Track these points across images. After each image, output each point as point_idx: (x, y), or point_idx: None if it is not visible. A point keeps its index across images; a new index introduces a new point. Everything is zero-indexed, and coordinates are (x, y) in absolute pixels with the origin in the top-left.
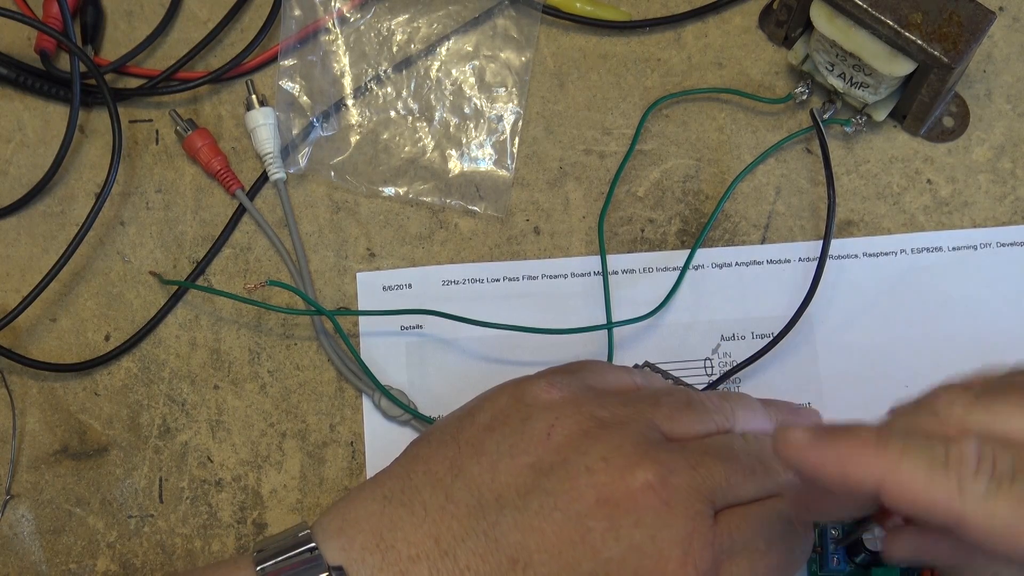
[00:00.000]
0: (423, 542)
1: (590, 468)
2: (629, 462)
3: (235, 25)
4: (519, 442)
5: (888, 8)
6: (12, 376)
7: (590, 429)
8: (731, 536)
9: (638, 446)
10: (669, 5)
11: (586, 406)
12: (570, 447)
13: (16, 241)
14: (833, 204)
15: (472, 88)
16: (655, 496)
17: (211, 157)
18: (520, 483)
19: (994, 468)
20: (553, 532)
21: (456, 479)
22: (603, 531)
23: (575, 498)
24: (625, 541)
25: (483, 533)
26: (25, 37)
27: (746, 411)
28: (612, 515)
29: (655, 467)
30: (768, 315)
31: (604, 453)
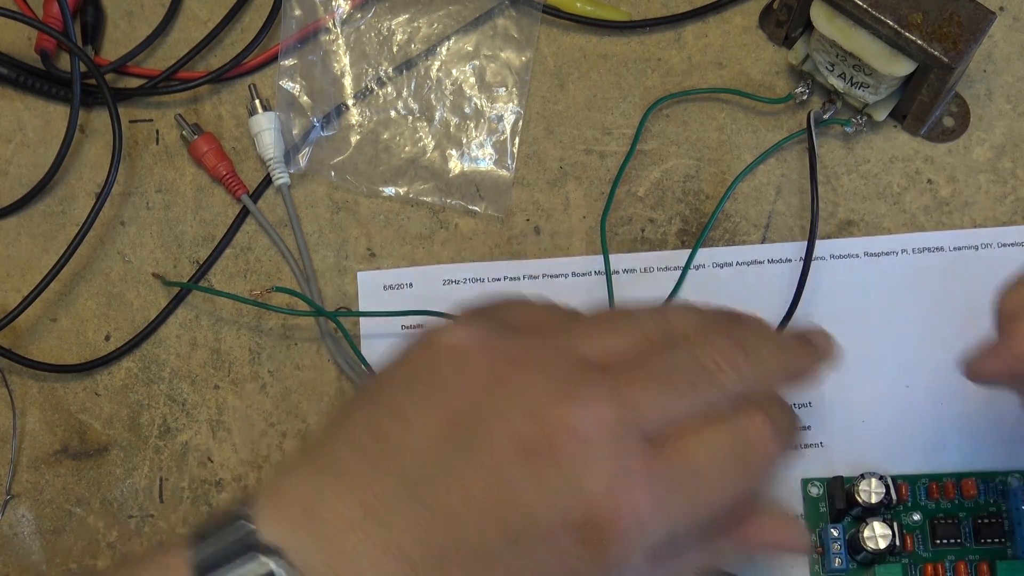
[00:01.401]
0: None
1: (503, 415)
2: (544, 401)
3: (235, 25)
4: (432, 395)
5: (888, 8)
6: (12, 376)
7: (502, 373)
8: (669, 464)
9: (553, 383)
10: (669, 5)
11: (497, 346)
12: (483, 395)
13: (16, 241)
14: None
15: (472, 88)
16: (575, 437)
17: (217, 162)
18: (438, 439)
19: None
20: (478, 489)
21: (376, 442)
22: (526, 482)
23: (495, 450)
24: (549, 490)
25: (409, 496)
26: (25, 37)
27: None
28: (533, 464)
29: (573, 405)
30: (768, 315)
31: (519, 397)
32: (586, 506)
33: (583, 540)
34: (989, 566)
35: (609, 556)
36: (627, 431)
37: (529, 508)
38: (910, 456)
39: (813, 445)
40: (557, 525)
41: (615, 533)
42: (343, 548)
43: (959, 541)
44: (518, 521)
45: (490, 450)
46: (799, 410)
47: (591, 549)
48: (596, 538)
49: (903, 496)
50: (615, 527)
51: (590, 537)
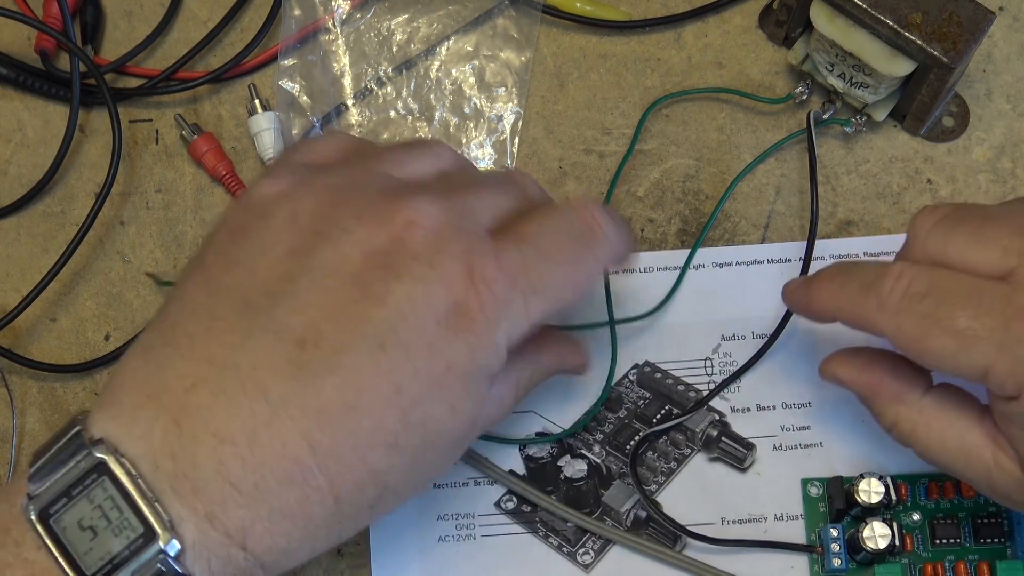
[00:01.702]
0: (197, 369)
1: (346, 229)
2: (381, 210)
3: (235, 25)
4: (267, 238)
5: (888, 8)
6: (12, 376)
7: (331, 199)
8: (514, 244)
9: (384, 195)
10: (669, 5)
11: (316, 181)
12: (320, 221)
13: (16, 241)
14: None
15: (472, 88)
16: (418, 228)
17: (216, 162)
18: (283, 271)
19: (908, 288)
20: (332, 300)
21: (214, 296)
22: (381, 277)
23: (342, 261)
24: (407, 279)
25: (260, 329)
26: (25, 37)
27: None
28: (385, 262)
29: (409, 205)
30: (768, 315)
31: (354, 212)
32: (449, 289)
33: (452, 325)
34: (989, 566)
35: (478, 339)
36: (465, 219)
37: (395, 304)
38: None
39: (813, 445)
40: (424, 315)
41: (482, 311)
42: (194, 407)
43: (959, 541)
44: (386, 319)
45: (339, 262)
46: (799, 410)
47: (461, 332)
48: (464, 321)
49: (903, 496)
50: (480, 309)
51: (458, 321)
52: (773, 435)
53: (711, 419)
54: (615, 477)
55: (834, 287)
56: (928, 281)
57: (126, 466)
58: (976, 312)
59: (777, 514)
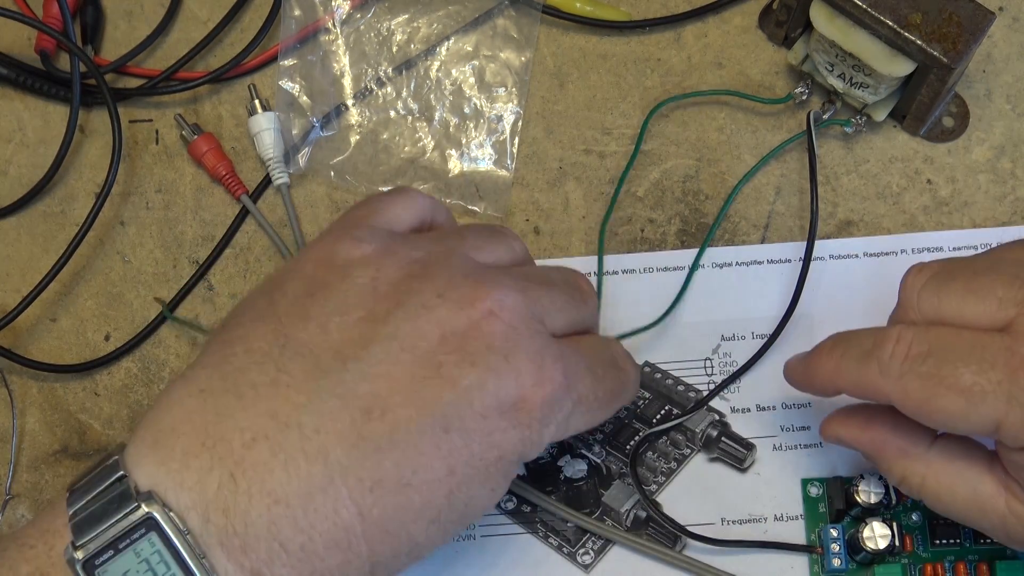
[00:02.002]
0: (258, 423)
1: (427, 305)
2: (463, 293)
3: (235, 25)
4: (346, 299)
5: (888, 8)
6: (12, 376)
7: (414, 271)
8: (576, 354)
9: (467, 277)
10: (669, 5)
11: (400, 251)
12: (401, 291)
13: (16, 241)
14: (816, 210)
15: (472, 88)
16: (498, 320)
17: (216, 162)
18: (358, 336)
19: (908, 350)
20: (404, 374)
21: (284, 349)
22: (456, 362)
23: (419, 337)
24: (481, 366)
25: (328, 392)
26: (25, 37)
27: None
28: (461, 345)
29: (490, 293)
30: (768, 315)
31: (437, 289)
32: (519, 386)
33: (512, 418)
34: (988, 566)
35: (531, 434)
36: (538, 319)
37: (466, 390)
38: None
39: (813, 445)
40: (491, 405)
41: (541, 409)
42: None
43: (959, 541)
44: (454, 403)
45: (416, 337)
46: (799, 410)
47: (519, 426)
48: (524, 416)
49: (902, 496)
50: (541, 408)
51: (519, 415)
52: (773, 435)
53: (711, 419)
54: (615, 477)
55: (833, 360)
56: (928, 341)
57: (175, 521)
58: (980, 367)
59: (777, 514)
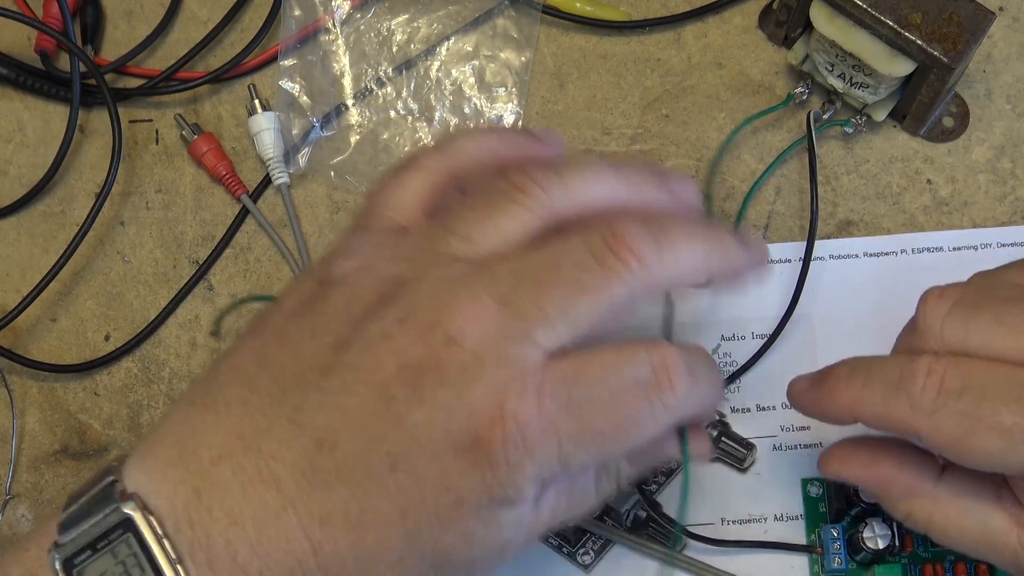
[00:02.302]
0: (226, 441)
1: (387, 333)
2: (426, 318)
3: (235, 25)
4: (320, 323)
5: (888, 8)
6: (12, 376)
7: (386, 292)
8: (564, 382)
9: (435, 297)
10: (669, 5)
11: (381, 267)
12: (367, 317)
13: (16, 241)
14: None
15: (472, 88)
16: (457, 348)
17: (216, 162)
18: (322, 363)
19: (941, 385)
20: (357, 407)
21: (260, 369)
22: (406, 398)
23: (376, 368)
24: (429, 404)
25: (286, 419)
26: (25, 37)
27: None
28: (415, 379)
29: (454, 317)
30: (769, 315)
31: (400, 315)
32: (472, 423)
33: (469, 459)
34: (988, 566)
35: (496, 477)
36: (516, 341)
37: (413, 427)
38: None
39: (813, 445)
40: (442, 444)
41: (501, 453)
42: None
43: None
44: (400, 441)
45: (373, 368)
46: None
47: (477, 468)
48: (483, 457)
49: None
50: (504, 449)
51: (476, 456)
52: (773, 435)
53: (711, 419)
54: None
55: (853, 389)
56: (962, 376)
57: (153, 525)
58: (1020, 406)
59: (777, 514)
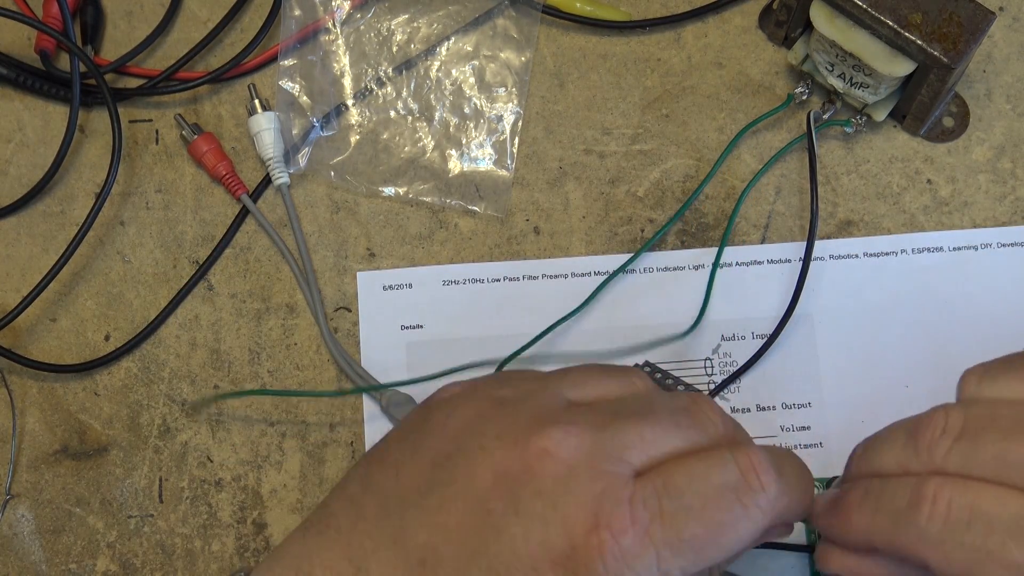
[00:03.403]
0: (337, 564)
1: (484, 447)
2: (524, 433)
3: (235, 25)
4: (419, 441)
5: (888, 8)
6: (12, 376)
7: (486, 410)
8: (655, 492)
9: (535, 417)
10: (669, 5)
11: (485, 390)
12: (465, 432)
13: (16, 241)
14: (816, 210)
15: (472, 88)
16: (553, 462)
17: (216, 162)
18: (421, 481)
19: (948, 515)
20: (456, 523)
21: (365, 493)
22: (503, 510)
23: (473, 481)
24: (525, 515)
25: (391, 540)
26: (25, 37)
27: None
28: (510, 490)
29: (552, 432)
30: (769, 315)
31: (498, 431)
32: (569, 535)
33: (568, 570)
34: None
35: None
36: (609, 458)
37: (511, 540)
38: None
39: (813, 445)
40: (540, 557)
41: (602, 561)
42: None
43: None
44: (499, 555)
45: (469, 483)
46: (799, 410)
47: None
48: (581, 569)
49: None
50: (601, 559)
51: (575, 568)
52: (773, 435)
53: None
54: None
55: (865, 516)
56: (970, 504)
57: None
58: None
59: None
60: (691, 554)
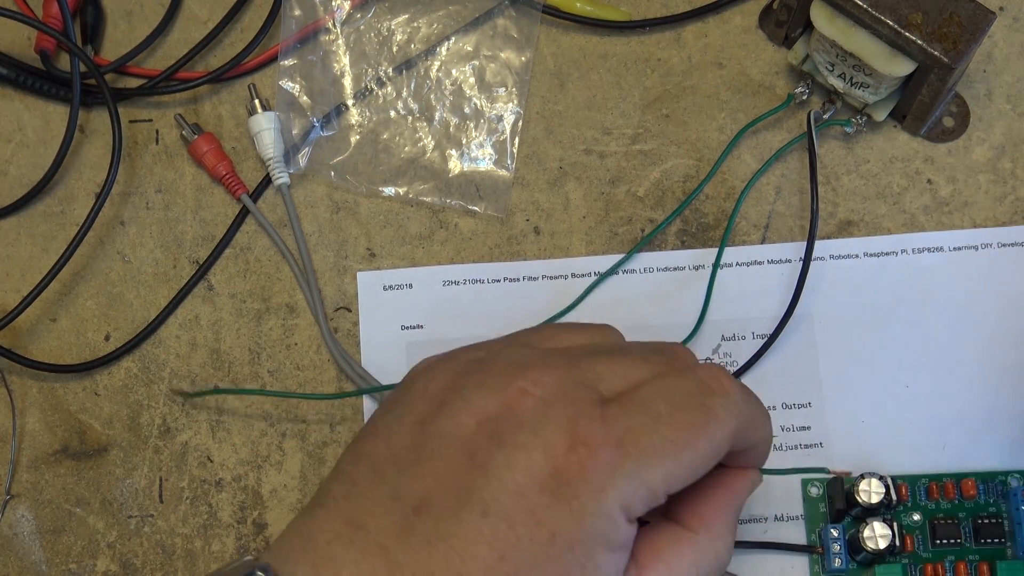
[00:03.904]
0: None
1: (465, 398)
2: (502, 379)
3: (235, 25)
4: (403, 409)
5: (888, 8)
6: (12, 376)
7: (465, 368)
8: (624, 408)
9: (512, 364)
10: (669, 5)
11: (461, 355)
12: (446, 390)
13: (16, 241)
14: (816, 210)
15: (472, 88)
16: (529, 397)
17: (217, 162)
18: (410, 441)
19: None
20: (445, 468)
21: (357, 464)
22: (487, 447)
23: (459, 429)
24: (508, 446)
25: (386, 497)
26: (25, 37)
27: None
28: (493, 429)
29: (528, 373)
30: (769, 315)
31: (479, 380)
32: (550, 457)
33: (553, 492)
34: (989, 566)
35: (581, 505)
36: (581, 386)
37: (496, 471)
38: (910, 456)
39: (813, 445)
40: (524, 483)
41: (582, 475)
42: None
43: (959, 541)
44: (489, 489)
45: (455, 431)
46: (799, 410)
47: (562, 499)
48: (564, 488)
49: (903, 496)
50: (582, 475)
51: (559, 487)
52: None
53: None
54: None
55: None
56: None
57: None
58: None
59: (777, 514)
60: (668, 462)
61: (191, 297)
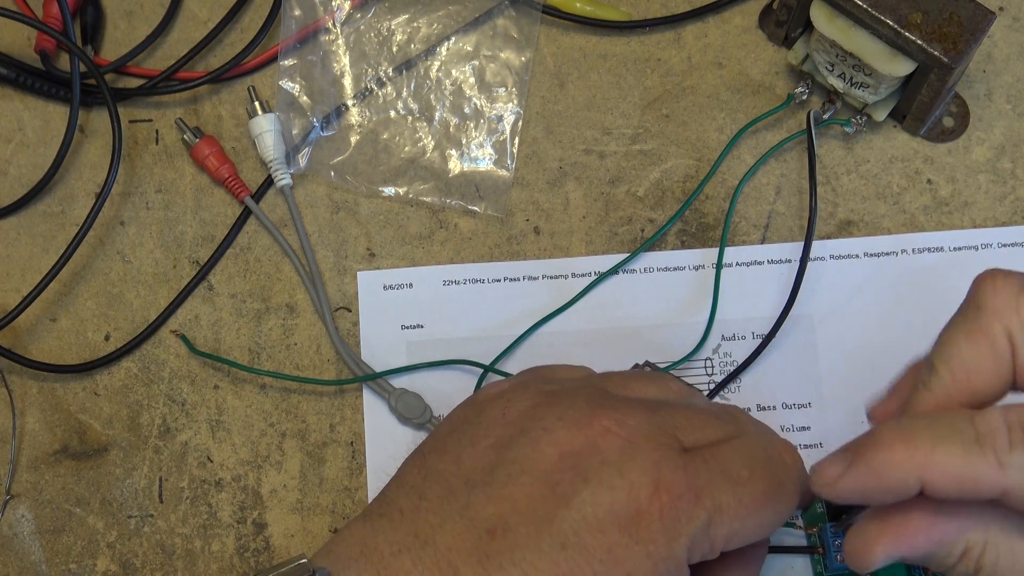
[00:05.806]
0: (403, 539)
1: (547, 429)
2: (584, 415)
3: (235, 25)
4: (477, 431)
5: (888, 8)
6: (12, 376)
7: (542, 399)
8: (705, 463)
9: (592, 402)
10: (669, 5)
11: (534, 386)
12: (525, 418)
13: (16, 241)
14: (815, 209)
15: (472, 88)
16: (615, 436)
17: (219, 165)
18: (485, 463)
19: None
20: (523, 495)
21: (426, 480)
22: (571, 480)
23: (538, 459)
24: (593, 482)
25: (457, 515)
26: (25, 37)
27: None
28: (576, 463)
29: (611, 413)
30: (769, 315)
31: (559, 413)
32: (634, 499)
33: (632, 533)
34: None
35: (657, 551)
36: (663, 434)
37: (579, 506)
38: None
39: (813, 445)
40: (606, 520)
41: (662, 521)
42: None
43: None
44: (570, 522)
45: (535, 460)
46: (799, 410)
47: (640, 541)
48: (645, 530)
49: None
50: (661, 520)
51: (639, 530)
52: None
53: None
54: None
55: (921, 450)
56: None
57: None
58: None
59: None
60: (736, 522)
61: (191, 297)
